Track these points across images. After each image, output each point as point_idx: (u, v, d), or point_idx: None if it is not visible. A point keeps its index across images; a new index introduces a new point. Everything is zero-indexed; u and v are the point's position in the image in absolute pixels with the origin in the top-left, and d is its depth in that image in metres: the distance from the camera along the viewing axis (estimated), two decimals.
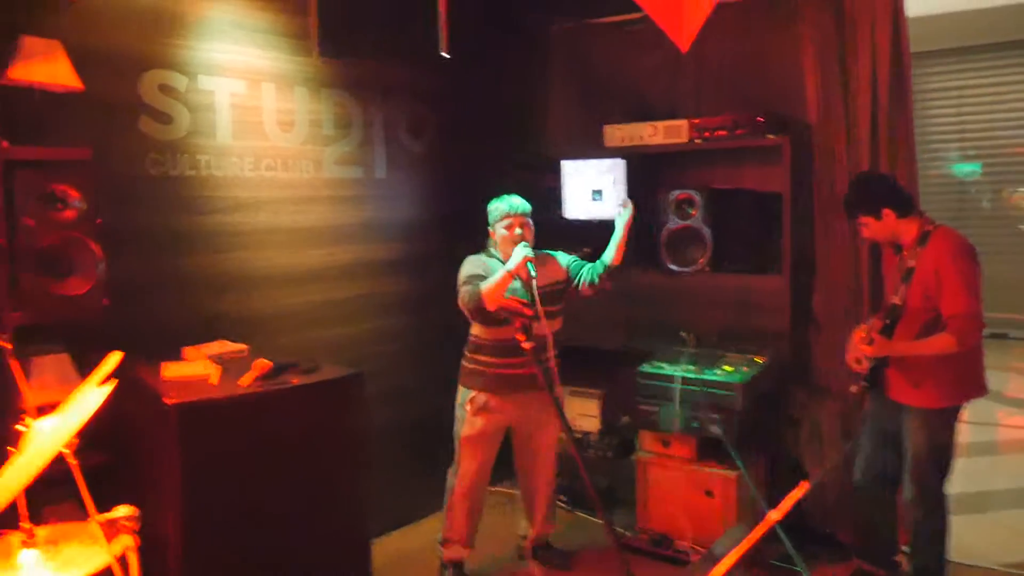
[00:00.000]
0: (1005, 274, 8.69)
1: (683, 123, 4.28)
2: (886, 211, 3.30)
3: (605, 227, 4.49)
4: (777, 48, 4.26)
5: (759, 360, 3.93)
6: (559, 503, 4.61)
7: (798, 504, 3.63)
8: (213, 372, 2.97)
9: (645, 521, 4.09)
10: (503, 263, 3.49)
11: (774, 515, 1.89)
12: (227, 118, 3.64)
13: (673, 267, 4.28)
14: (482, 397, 3.64)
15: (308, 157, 3.97)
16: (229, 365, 3.09)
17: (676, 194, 4.25)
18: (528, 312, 2.99)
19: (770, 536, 3.35)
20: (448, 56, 4.22)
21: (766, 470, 4.01)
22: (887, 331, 3.32)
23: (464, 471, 3.72)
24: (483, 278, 3.44)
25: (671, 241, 4.29)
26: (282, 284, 3.90)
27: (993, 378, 3.40)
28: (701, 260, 4.20)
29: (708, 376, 3.83)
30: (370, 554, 3.23)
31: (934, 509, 3.38)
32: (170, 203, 3.47)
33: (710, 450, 3.96)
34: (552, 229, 4.12)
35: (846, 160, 4.01)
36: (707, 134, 4.22)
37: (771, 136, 4.07)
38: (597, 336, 4.54)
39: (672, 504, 3.96)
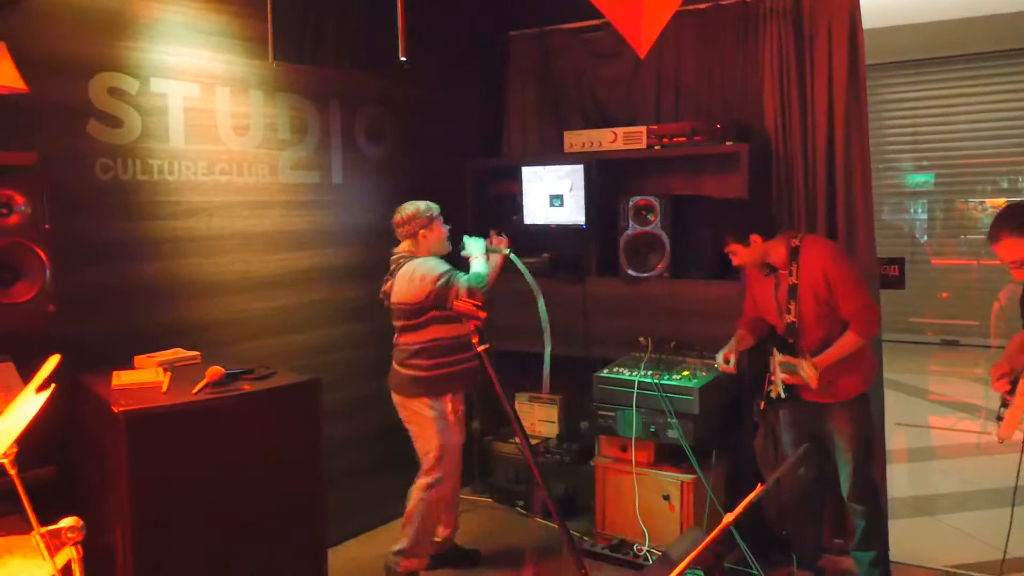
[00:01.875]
0: (957, 282, 8.88)
1: (642, 129, 4.31)
2: (753, 237, 3.40)
3: (564, 231, 4.53)
4: (737, 57, 4.33)
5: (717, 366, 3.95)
6: (519, 510, 4.62)
7: (758, 509, 3.69)
8: (164, 379, 2.91)
9: (604, 525, 4.09)
10: (444, 261, 3.68)
11: (729, 517, 1.90)
12: (180, 121, 3.58)
13: (632, 273, 4.30)
14: (453, 401, 3.75)
15: (263, 161, 3.92)
16: (181, 373, 3.03)
17: (636, 200, 4.27)
18: (482, 315, 3.00)
19: (727, 539, 3.38)
20: (407, 62, 4.21)
21: (724, 475, 4.03)
22: (790, 350, 3.43)
23: (445, 478, 3.73)
24: (456, 272, 3.57)
25: (630, 247, 4.31)
26: (237, 290, 3.84)
27: (943, 383, 3.48)
28: (660, 266, 4.23)
29: (666, 381, 3.84)
30: (326, 562, 3.18)
31: (874, 499, 3.55)
32: (121, 208, 3.40)
33: (668, 455, 3.97)
34: (511, 235, 4.13)
35: (803, 169, 4.07)
36: (666, 140, 4.25)
37: (730, 143, 4.12)
38: (555, 342, 4.53)
39: (630, 509, 3.97)
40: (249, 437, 2.84)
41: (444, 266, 3.62)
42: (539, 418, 4.84)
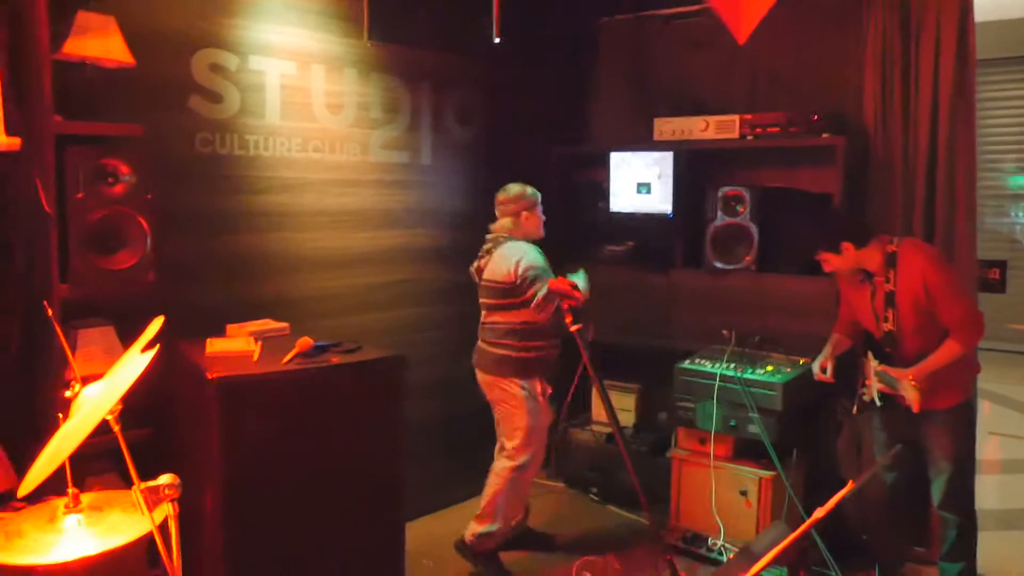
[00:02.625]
0: None
1: (735, 119, 4.22)
2: (845, 245, 3.28)
3: (650, 220, 4.48)
4: (838, 47, 4.19)
5: (802, 362, 3.87)
6: (592, 497, 4.61)
7: (838, 512, 3.61)
8: (255, 349, 2.99)
9: (678, 519, 4.06)
10: (542, 255, 3.64)
11: (819, 512, 1.85)
12: (276, 98, 3.66)
13: (718, 264, 4.23)
14: (542, 383, 3.74)
15: (355, 140, 3.98)
16: (271, 343, 3.12)
17: (725, 191, 4.20)
18: (578, 295, 3.05)
19: (809, 540, 3.32)
20: (499, 45, 4.21)
21: (804, 474, 3.94)
22: (888, 359, 3.34)
23: (532, 460, 3.74)
24: (549, 274, 3.55)
25: (717, 238, 4.24)
26: (326, 267, 3.92)
27: None
28: (747, 258, 4.15)
29: (748, 375, 3.77)
30: (404, 535, 3.23)
31: (967, 510, 3.43)
32: (218, 182, 3.50)
33: (747, 451, 3.90)
34: (597, 222, 4.11)
35: (901, 165, 3.93)
36: (759, 131, 4.16)
37: (825, 136, 4.00)
38: (637, 333, 4.51)
39: (706, 503, 3.92)
40: (335, 408, 2.89)
41: (542, 260, 3.62)
42: (615, 406, 4.79)
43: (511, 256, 3.60)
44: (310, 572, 2.85)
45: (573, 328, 2.41)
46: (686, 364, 4.01)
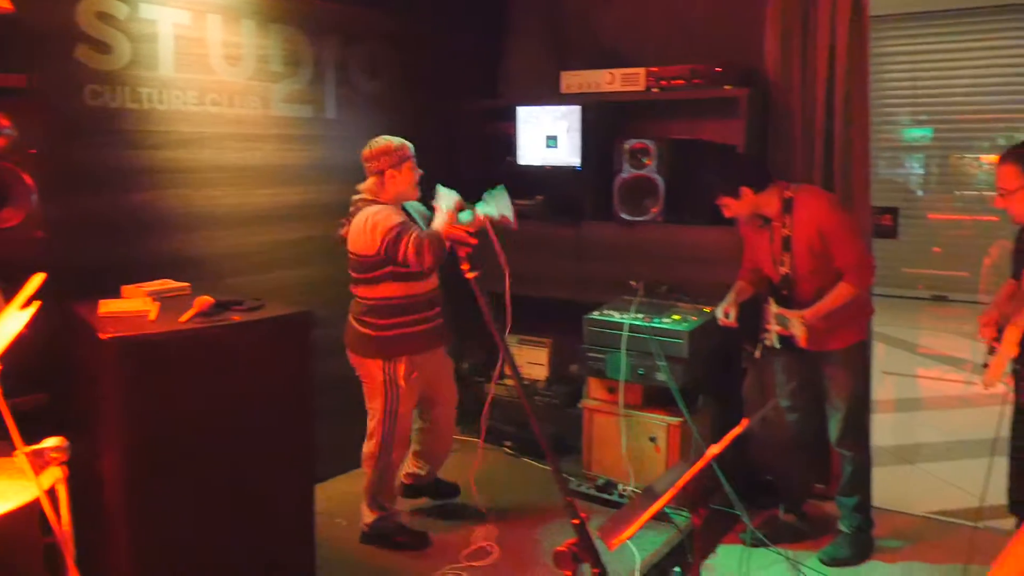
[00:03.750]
0: (950, 237, 8.87)
1: (640, 71, 4.25)
2: (744, 190, 3.36)
3: (558, 174, 4.49)
4: (742, 1, 4.23)
5: (708, 310, 3.96)
6: (506, 450, 4.66)
7: (745, 454, 3.73)
8: (152, 309, 2.89)
9: (590, 466, 4.14)
10: (405, 209, 3.45)
11: (714, 449, 1.91)
12: (170, 49, 3.51)
13: (626, 216, 4.28)
14: (410, 364, 3.48)
15: (255, 93, 3.86)
16: (170, 303, 3.01)
17: (631, 143, 4.23)
18: (473, 241, 2.94)
19: (713, 480, 3.42)
20: None
21: (711, 419, 4.06)
22: (785, 301, 3.44)
23: (390, 447, 3.55)
24: (412, 225, 3.29)
25: (624, 190, 4.28)
26: (228, 224, 3.80)
27: (931, 337, 3.52)
28: (654, 209, 4.21)
29: (656, 324, 3.84)
30: (314, 496, 3.20)
31: (862, 446, 3.61)
32: (110, 136, 3.34)
33: (656, 398, 3.99)
34: (505, 175, 4.08)
35: (801, 117, 4.01)
36: (664, 83, 4.20)
37: (728, 88, 4.06)
38: (548, 286, 4.53)
39: (616, 450, 4.00)
40: (239, 368, 2.83)
41: (398, 217, 3.32)
42: (528, 361, 4.85)
43: (366, 225, 3.31)
44: (218, 535, 2.80)
45: (470, 275, 2.36)
46: (595, 315, 4.06)
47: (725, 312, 3.55)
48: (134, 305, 2.94)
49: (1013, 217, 2.84)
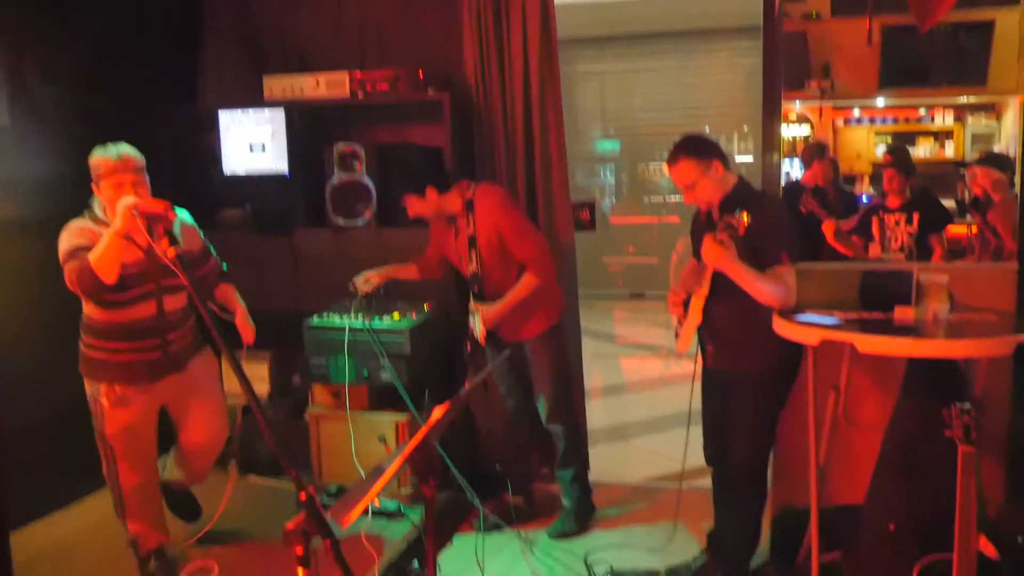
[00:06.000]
0: (642, 239, 9.79)
1: (344, 76, 4.25)
2: (429, 189, 3.54)
3: (267, 180, 4.36)
4: (438, 11, 4.33)
5: (427, 308, 4.05)
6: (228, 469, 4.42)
7: (475, 448, 3.83)
8: None
9: (321, 476, 4.06)
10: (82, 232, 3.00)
11: (438, 412, 1.98)
12: None
13: (340, 222, 4.26)
14: (117, 389, 3.14)
15: None
16: None
17: (340, 147, 4.22)
18: (172, 216, 2.60)
19: (443, 471, 3.50)
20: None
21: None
22: (479, 297, 3.63)
23: (124, 470, 3.19)
24: (89, 249, 2.87)
25: (336, 195, 4.27)
26: None
27: (631, 329, 3.84)
28: (367, 213, 4.23)
29: (377, 325, 3.86)
30: (8, 547, 2.84)
31: (570, 420, 3.83)
32: None
33: (382, 397, 4.01)
34: (212, 185, 3.91)
35: (502, 121, 4.18)
36: (369, 87, 4.23)
37: (432, 92, 4.17)
38: (263, 299, 4.37)
39: (346, 455, 3.96)
40: None
41: (74, 241, 2.95)
42: (249, 376, 4.64)
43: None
44: None
45: (171, 252, 2.18)
46: (315, 321, 3.99)
47: (366, 279, 3.68)
48: None
49: (702, 205, 3.04)
